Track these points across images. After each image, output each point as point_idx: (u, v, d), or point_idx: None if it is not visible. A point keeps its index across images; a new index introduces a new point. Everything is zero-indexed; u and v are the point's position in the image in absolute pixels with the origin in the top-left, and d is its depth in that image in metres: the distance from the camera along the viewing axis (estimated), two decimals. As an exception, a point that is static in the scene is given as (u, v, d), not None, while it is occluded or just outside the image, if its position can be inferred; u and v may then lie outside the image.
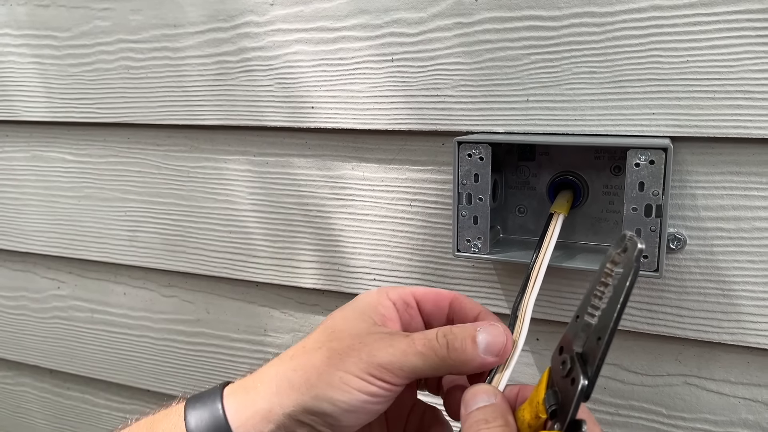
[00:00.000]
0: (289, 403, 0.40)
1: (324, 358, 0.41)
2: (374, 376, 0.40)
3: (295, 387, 0.41)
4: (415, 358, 0.40)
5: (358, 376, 0.40)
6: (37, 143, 0.79)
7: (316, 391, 0.40)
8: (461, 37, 0.55)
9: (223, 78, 0.65)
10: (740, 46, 0.47)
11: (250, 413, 0.41)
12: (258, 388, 0.42)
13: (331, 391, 0.40)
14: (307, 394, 0.40)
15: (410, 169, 0.60)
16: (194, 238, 0.73)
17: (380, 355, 0.40)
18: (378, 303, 0.45)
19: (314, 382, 0.40)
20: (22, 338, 0.90)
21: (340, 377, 0.40)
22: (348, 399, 0.40)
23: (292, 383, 0.41)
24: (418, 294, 0.47)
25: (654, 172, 0.47)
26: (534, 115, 0.54)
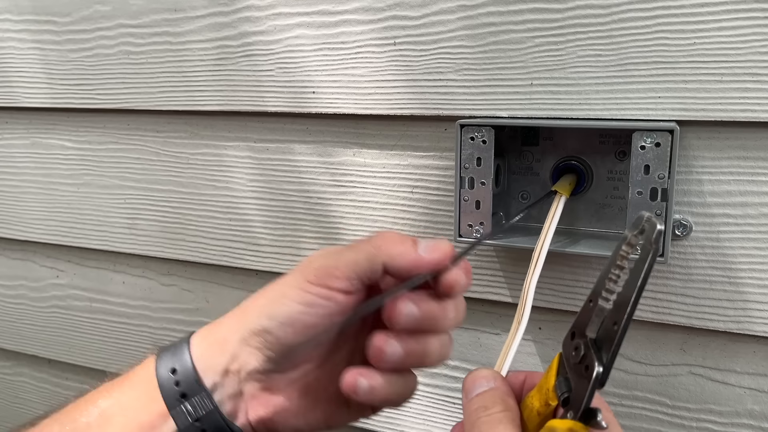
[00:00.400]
0: (239, 326, 0.40)
1: (272, 284, 0.41)
2: (312, 282, 0.38)
3: (246, 310, 0.41)
4: (349, 252, 0.39)
5: (297, 286, 0.39)
6: (36, 130, 0.78)
7: (259, 309, 0.40)
8: (464, 20, 0.54)
9: (223, 63, 0.64)
10: (748, 27, 0.46)
11: (209, 343, 0.40)
12: (221, 321, 0.42)
13: (271, 306, 0.39)
14: (252, 314, 0.40)
15: (412, 155, 0.60)
16: (194, 225, 0.72)
17: (318, 261, 0.40)
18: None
19: (260, 302, 0.40)
20: (20, 327, 0.90)
21: (281, 291, 0.39)
22: (285, 310, 0.38)
23: (244, 308, 0.41)
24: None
25: (660, 154, 0.46)
26: (538, 99, 0.53)
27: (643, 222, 0.32)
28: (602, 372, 0.32)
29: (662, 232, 0.31)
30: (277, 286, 0.40)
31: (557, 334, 0.59)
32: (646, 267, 0.31)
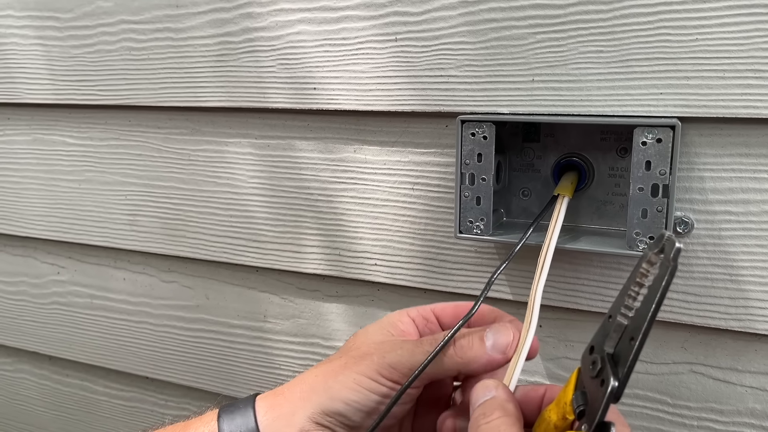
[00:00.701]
0: (310, 405, 0.43)
1: (342, 364, 0.44)
2: (384, 376, 0.42)
3: (315, 390, 0.43)
4: (422, 356, 0.42)
5: (370, 376, 0.42)
6: (38, 126, 0.78)
7: (332, 393, 0.43)
8: (466, 16, 0.54)
9: (225, 59, 0.64)
10: (751, 24, 0.46)
11: (276, 415, 0.43)
12: (285, 394, 0.45)
13: (345, 391, 0.42)
14: (324, 395, 0.43)
15: (413, 152, 0.60)
16: (195, 222, 0.72)
17: (390, 356, 0.43)
18: (397, 319, 0.48)
19: (331, 384, 0.43)
20: (21, 324, 0.90)
21: (353, 378, 0.43)
22: (360, 399, 0.42)
23: (313, 387, 0.44)
24: (437, 309, 0.49)
25: (661, 150, 0.46)
26: (539, 95, 0.53)
27: (663, 241, 0.32)
28: (617, 386, 0.32)
29: (680, 250, 0.31)
30: (349, 372, 0.43)
31: (558, 331, 0.59)
32: (664, 284, 0.31)
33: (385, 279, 0.64)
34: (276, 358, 0.73)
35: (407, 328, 0.47)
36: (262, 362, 0.74)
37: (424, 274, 0.62)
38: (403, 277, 0.63)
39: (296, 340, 0.71)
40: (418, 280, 0.62)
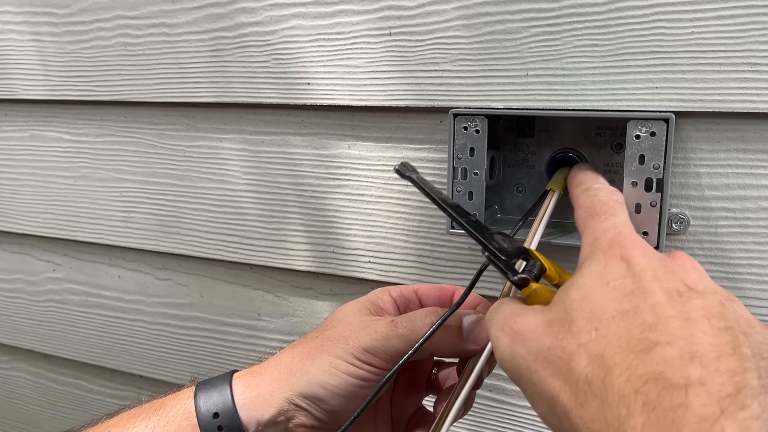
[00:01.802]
0: (287, 387, 0.43)
1: (318, 345, 0.44)
2: (360, 359, 0.42)
3: (292, 372, 0.44)
4: (396, 340, 0.42)
5: (345, 360, 0.42)
6: (35, 122, 0.78)
7: (309, 376, 0.43)
8: (460, 9, 0.53)
9: (219, 54, 0.64)
10: (747, 16, 0.45)
11: (253, 395, 0.43)
12: (262, 374, 0.45)
13: (321, 375, 0.43)
14: (302, 378, 0.43)
15: (407, 148, 0.59)
16: (189, 219, 0.71)
17: (364, 340, 0.43)
18: (378, 297, 0.48)
19: (308, 368, 0.43)
20: (17, 322, 0.89)
21: (329, 362, 0.43)
22: (336, 382, 0.42)
23: (290, 369, 0.44)
24: (420, 290, 0.49)
25: (655, 144, 0.45)
26: (534, 90, 0.52)
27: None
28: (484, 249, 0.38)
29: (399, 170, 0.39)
30: (324, 355, 0.43)
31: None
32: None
33: (378, 276, 0.63)
34: (270, 356, 0.72)
35: (387, 306, 0.47)
36: (255, 361, 0.73)
37: (418, 271, 0.61)
38: (397, 274, 0.62)
39: (290, 339, 0.70)
40: (411, 277, 0.62)
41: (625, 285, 0.30)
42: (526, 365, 0.31)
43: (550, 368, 0.30)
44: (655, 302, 0.29)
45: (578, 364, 0.28)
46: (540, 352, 0.30)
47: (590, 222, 0.36)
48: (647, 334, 0.27)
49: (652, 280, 0.30)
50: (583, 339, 0.29)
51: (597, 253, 0.33)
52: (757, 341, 0.28)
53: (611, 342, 0.28)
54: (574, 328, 0.30)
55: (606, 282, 0.31)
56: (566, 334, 0.30)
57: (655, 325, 0.28)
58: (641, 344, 0.27)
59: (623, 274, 0.31)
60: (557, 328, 0.30)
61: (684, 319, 0.28)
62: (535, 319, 0.32)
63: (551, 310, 0.32)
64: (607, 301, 0.30)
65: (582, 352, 0.29)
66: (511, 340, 0.32)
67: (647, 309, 0.28)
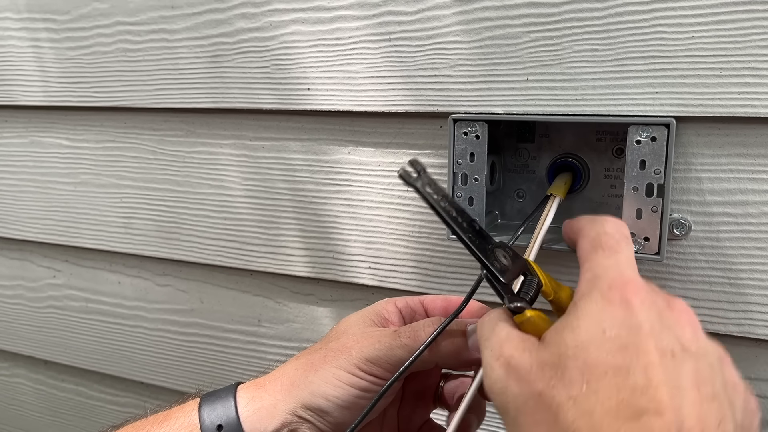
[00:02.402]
0: (291, 399, 0.43)
1: (321, 357, 0.44)
2: (363, 370, 0.42)
3: (296, 384, 0.43)
4: (400, 350, 0.42)
5: (349, 371, 0.42)
6: (35, 128, 0.78)
7: (312, 388, 0.43)
8: (460, 14, 0.53)
9: (219, 60, 0.64)
10: (748, 21, 0.45)
11: (257, 407, 0.43)
12: (266, 386, 0.44)
13: (324, 387, 0.42)
14: (305, 390, 0.43)
15: (408, 153, 0.59)
16: (189, 225, 0.71)
17: (367, 350, 0.42)
18: (383, 308, 0.48)
19: (311, 379, 0.43)
20: (17, 328, 0.89)
21: (332, 373, 0.42)
22: (340, 394, 0.42)
23: (294, 381, 0.44)
24: (427, 301, 0.49)
25: (656, 149, 0.45)
26: (534, 94, 0.52)
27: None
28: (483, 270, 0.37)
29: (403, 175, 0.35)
30: (327, 366, 0.43)
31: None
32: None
33: (378, 282, 0.63)
34: (270, 363, 0.72)
35: (391, 317, 0.47)
36: (256, 367, 0.73)
37: (419, 277, 0.61)
38: (398, 280, 0.62)
39: (290, 345, 0.70)
40: (412, 283, 0.61)
41: (620, 337, 0.30)
42: (516, 405, 0.31)
43: (537, 414, 0.30)
44: (648, 362, 0.29)
45: (566, 418, 0.28)
46: (531, 395, 0.30)
47: (593, 255, 0.35)
48: (637, 398, 0.28)
49: (648, 336, 0.30)
50: (574, 391, 0.29)
51: (595, 293, 0.32)
52: (740, 408, 0.30)
53: (601, 401, 0.28)
54: (566, 378, 0.29)
55: (602, 330, 0.30)
56: (558, 382, 0.30)
57: (646, 390, 0.28)
58: (630, 410, 0.27)
59: (620, 322, 0.30)
60: (550, 374, 0.30)
61: (674, 387, 0.28)
62: (530, 358, 0.32)
63: (545, 350, 0.32)
64: (601, 353, 0.29)
65: (571, 406, 0.29)
66: (505, 374, 0.32)
67: (640, 369, 0.29)
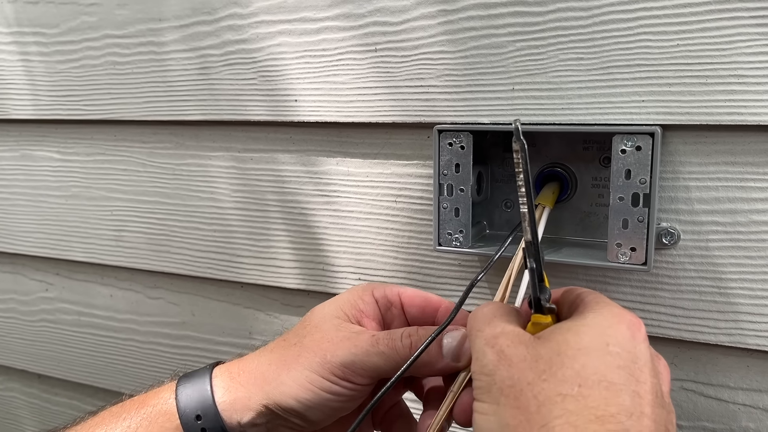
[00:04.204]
0: (263, 395, 0.42)
1: (295, 356, 0.43)
2: (337, 375, 0.42)
3: (268, 381, 0.43)
4: (377, 357, 0.41)
5: (322, 375, 0.42)
6: (26, 142, 0.78)
7: (284, 389, 0.42)
8: (445, 24, 0.53)
9: (206, 72, 0.64)
10: (733, 28, 0.45)
11: (233, 398, 0.43)
12: (240, 376, 0.44)
13: (296, 389, 0.42)
14: (277, 389, 0.42)
15: (395, 164, 0.58)
16: (179, 237, 0.71)
17: (343, 354, 0.42)
18: (359, 298, 0.46)
19: (284, 380, 0.42)
20: (10, 342, 0.89)
21: (305, 376, 0.42)
22: (311, 397, 0.42)
23: (266, 377, 0.43)
24: (405, 296, 0.47)
25: (641, 158, 0.44)
26: (520, 104, 0.51)
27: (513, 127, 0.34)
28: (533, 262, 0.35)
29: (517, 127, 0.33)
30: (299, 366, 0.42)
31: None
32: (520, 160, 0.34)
33: (368, 294, 0.62)
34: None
35: (367, 309, 0.46)
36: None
37: (408, 288, 0.60)
38: (387, 291, 0.61)
39: (282, 357, 0.70)
40: (402, 294, 0.61)
41: (621, 356, 0.31)
42: (500, 387, 0.31)
43: (521, 401, 0.30)
44: (639, 391, 0.30)
45: (549, 411, 0.29)
46: (518, 382, 0.31)
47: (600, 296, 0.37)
48: (623, 419, 0.28)
49: (644, 367, 0.31)
50: (565, 389, 0.29)
51: (605, 310, 0.34)
52: None
53: (589, 407, 0.29)
54: (560, 375, 0.30)
55: (606, 343, 0.31)
56: (550, 376, 0.30)
57: (631, 415, 0.29)
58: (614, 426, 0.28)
59: (624, 344, 0.31)
60: (544, 367, 0.31)
61: (654, 421, 0.29)
62: (525, 350, 0.32)
63: (543, 345, 0.32)
64: (600, 364, 0.30)
65: (559, 401, 0.29)
66: (497, 359, 0.33)
67: (630, 393, 0.29)
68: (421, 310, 0.47)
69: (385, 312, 0.47)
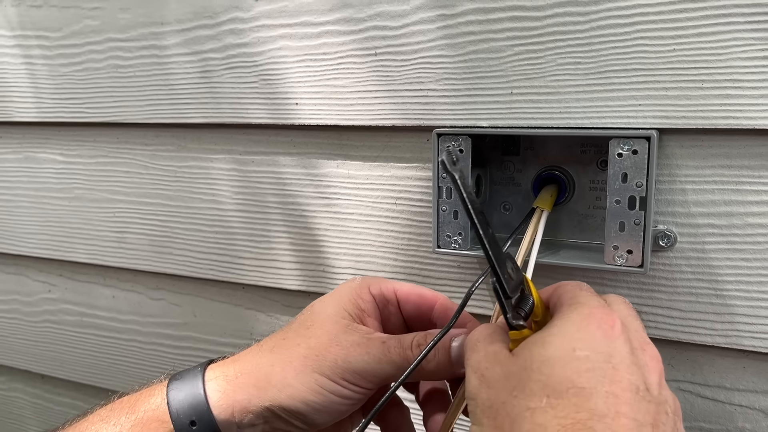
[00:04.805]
0: (267, 397, 0.42)
1: (301, 357, 0.42)
2: (348, 381, 0.42)
3: (273, 383, 0.42)
4: (389, 366, 0.42)
5: (333, 380, 0.42)
6: (29, 144, 0.79)
7: (292, 391, 0.41)
8: (444, 29, 0.53)
9: (208, 75, 0.64)
10: (728, 33, 0.45)
11: (230, 402, 0.42)
12: (238, 379, 0.43)
13: (306, 392, 0.41)
14: (283, 392, 0.42)
15: (395, 167, 0.59)
16: (181, 239, 0.72)
17: (355, 362, 0.42)
18: (358, 296, 0.46)
19: (291, 382, 0.42)
20: (14, 342, 0.89)
21: (315, 379, 0.41)
22: (321, 400, 0.42)
23: (270, 379, 0.42)
24: (401, 293, 0.47)
25: (637, 162, 0.45)
26: (518, 108, 0.52)
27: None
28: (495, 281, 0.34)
29: (443, 161, 0.32)
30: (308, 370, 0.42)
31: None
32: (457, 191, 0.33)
33: (368, 295, 0.63)
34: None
35: (367, 308, 0.45)
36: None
37: (408, 290, 0.61)
38: (387, 293, 0.62)
39: (282, 358, 0.70)
40: (401, 296, 0.61)
41: (590, 358, 0.30)
42: (482, 409, 0.32)
43: (497, 420, 0.31)
44: (613, 391, 0.29)
45: (520, 428, 0.29)
46: (494, 403, 0.31)
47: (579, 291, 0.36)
48: (595, 423, 0.28)
49: (619, 365, 0.30)
50: (533, 403, 0.30)
51: (574, 314, 0.33)
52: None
53: (558, 417, 0.29)
54: (528, 389, 0.30)
55: (572, 348, 0.31)
56: (520, 392, 0.30)
57: (604, 417, 0.28)
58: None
59: (591, 346, 0.31)
60: (514, 384, 0.31)
61: (633, 419, 0.29)
62: (501, 369, 0.33)
63: (514, 362, 0.32)
64: (567, 371, 0.30)
65: (528, 416, 0.29)
66: (478, 383, 0.33)
67: (602, 395, 0.29)
68: (416, 307, 0.47)
69: (382, 309, 0.47)
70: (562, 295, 0.36)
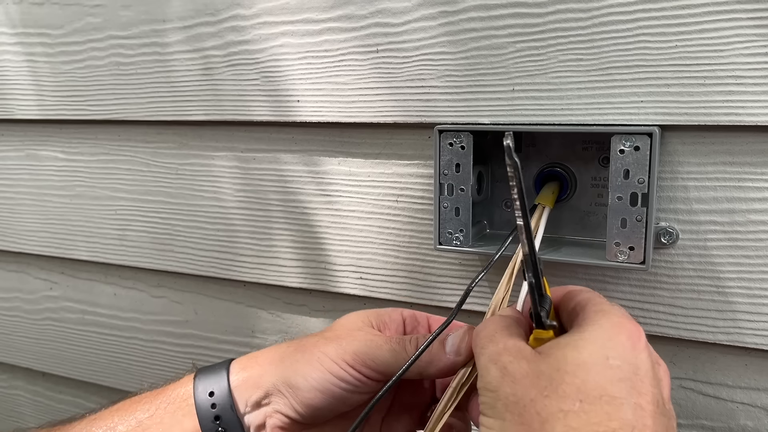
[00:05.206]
0: (276, 372, 0.45)
1: (314, 342, 0.46)
2: (347, 362, 0.43)
3: (283, 360, 0.45)
4: (388, 354, 0.43)
5: (333, 359, 0.44)
6: (31, 142, 0.79)
7: (296, 366, 0.44)
8: (446, 26, 0.53)
9: (210, 73, 0.64)
10: (731, 29, 0.45)
11: (246, 375, 0.46)
12: (258, 357, 0.47)
13: (306, 366, 0.44)
14: (290, 367, 0.45)
15: (396, 164, 0.59)
16: (182, 236, 0.72)
17: (356, 344, 0.44)
18: (385, 313, 0.49)
19: (297, 358, 0.45)
20: (15, 340, 0.89)
21: (318, 357, 0.44)
22: (317, 376, 0.43)
23: (282, 356, 0.46)
24: (432, 320, 0.50)
25: (639, 158, 0.45)
26: (520, 104, 0.52)
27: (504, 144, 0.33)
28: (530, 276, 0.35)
29: (509, 145, 0.32)
30: (315, 350, 0.44)
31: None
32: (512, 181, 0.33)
33: (370, 293, 0.63)
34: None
35: (392, 324, 0.48)
36: (250, 378, 0.73)
37: (409, 287, 0.61)
38: (389, 290, 0.62)
39: (284, 356, 0.70)
40: (403, 293, 0.61)
41: (622, 369, 0.31)
42: (505, 404, 0.32)
43: (524, 417, 0.31)
44: (641, 403, 0.30)
45: (552, 428, 0.30)
46: (522, 399, 0.31)
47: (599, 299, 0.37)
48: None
49: (645, 378, 0.31)
50: (566, 406, 0.30)
51: (605, 322, 0.34)
52: None
53: (592, 423, 0.29)
54: (560, 391, 0.31)
55: (606, 357, 0.32)
56: (552, 392, 0.31)
57: (633, 427, 0.29)
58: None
59: (625, 356, 0.32)
60: (545, 383, 0.31)
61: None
62: (528, 366, 0.33)
63: (544, 361, 0.33)
64: (601, 379, 0.31)
65: (561, 418, 0.30)
66: (501, 375, 0.33)
67: (632, 406, 0.30)
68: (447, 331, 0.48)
69: (409, 330, 0.49)
70: (583, 302, 0.37)
